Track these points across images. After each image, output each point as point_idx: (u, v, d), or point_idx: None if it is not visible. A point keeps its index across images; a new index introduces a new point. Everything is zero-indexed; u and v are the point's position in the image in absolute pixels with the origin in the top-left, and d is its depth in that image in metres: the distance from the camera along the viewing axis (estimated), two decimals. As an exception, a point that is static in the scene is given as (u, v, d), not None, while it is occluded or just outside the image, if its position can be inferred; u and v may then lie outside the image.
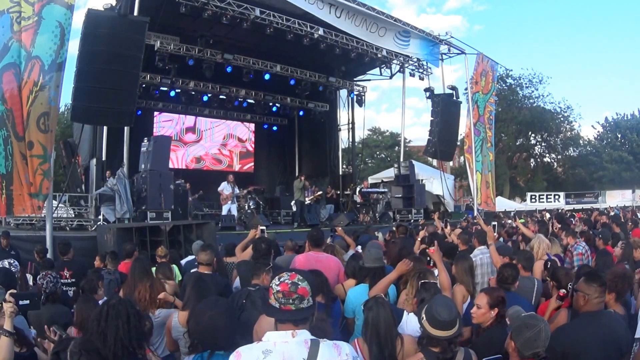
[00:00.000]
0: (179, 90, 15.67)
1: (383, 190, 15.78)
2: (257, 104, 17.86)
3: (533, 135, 37.53)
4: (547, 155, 38.95)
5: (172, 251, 6.59)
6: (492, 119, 16.73)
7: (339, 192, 17.19)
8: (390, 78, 17.45)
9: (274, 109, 18.73)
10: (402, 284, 3.96)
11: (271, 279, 2.02)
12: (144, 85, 13.91)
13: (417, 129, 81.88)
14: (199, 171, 17.94)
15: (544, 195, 30.84)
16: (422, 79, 16.27)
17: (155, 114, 17.06)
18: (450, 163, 28.93)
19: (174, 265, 5.24)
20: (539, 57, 75.21)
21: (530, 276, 4.23)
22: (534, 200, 30.10)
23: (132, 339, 2.27)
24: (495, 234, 5.69)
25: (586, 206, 26.22)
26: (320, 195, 14.94)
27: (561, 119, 36.58)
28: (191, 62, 13.46)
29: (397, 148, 34.49)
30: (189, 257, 6.13)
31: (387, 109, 79.29)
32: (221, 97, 16.71)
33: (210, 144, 18.85)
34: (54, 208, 8.98)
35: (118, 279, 5.09)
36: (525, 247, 5.86)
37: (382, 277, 3.71)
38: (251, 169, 19.85)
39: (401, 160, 16.76)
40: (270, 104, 18.26)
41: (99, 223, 9.73)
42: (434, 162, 23.37)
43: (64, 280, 5.50)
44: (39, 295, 3.34)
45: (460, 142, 20.40)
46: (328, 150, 19.05)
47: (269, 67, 15.02)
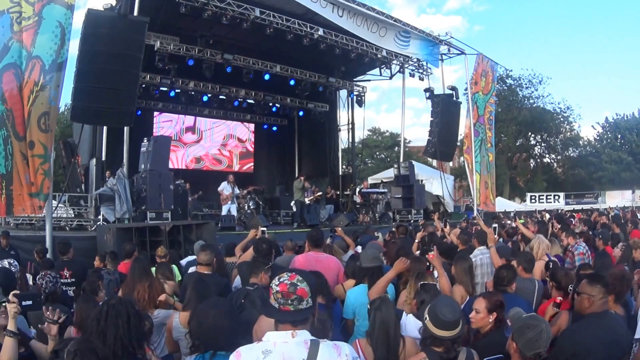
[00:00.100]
0: (179, 91, 15.67)
1: (383, 190, 15.78)
2: (257, 104, 17.86)
3: (533, 135, 37.53)
4: (546, 155, 38.99)
5: (171, 251, 6.58)
6: (492, 119, 16.69)
7: (338, 192, 17.17)
8: (390, 78, 17.46)
9: (274, 109, 18.73)
10: (402, 284, 3.97)
11: (270, 279, 2.02)
12: (143, 85, 13.91)
13: (417, 129, 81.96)
14: (198, 171, 17.93)
15: (543, 195, 30.82)
16: (422, 79, 16.26)
17: (155, 114, 17.05)
18: (450, 163, 28.90)
19: (173, 266, 5.24)
20: (539, 57, 75.33)
21: (531, 277, 4.22)
22: (533, 200, 30.07)
23: (132, 339, 2.28)
24: (495, 236, 5.68)
25: (586, 207, 26.21)
26: (320, 195, 14.92)
27: (561, 120, 36.59)
28: (191, 62, 13.46)
29: (396, 148, 34.51)
30: (190, 257, 6.11)
31: (387, 109, 79.49)
32: (221, 97, 16.69)
33: (210, 144, 18.85)
34: (54, 208, 8.97)
35: (117, 279, 5.08)
36: (525, 247, 5.85)
37: (380, 276, 3.71)
38: (251, 169, 19.85)
39: (401, 160, 16.77)
40: (270, 104, 18.26)
41: (98, 223, 9.73)
42: (434, 162, 23.37)
43: (64, 280, 5.48)
44: (39, 296, 3.35)
45: (460, 142, 20.39)
46: (328, 150, 19.04)
47: (268, 67, 15.02)
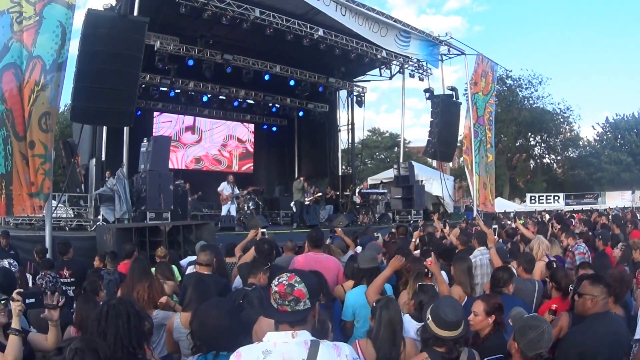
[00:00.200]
0: (179, 91, 15.67)
1: (382, 191, 15.77)
2: (256, 105, 17.86)
3: (532, 136, 37.57)
4: (546, 156, 39.06)
5: (171, 252, 6.58)
6: (491, 120, 16.69)
7: (338, 192, 17.16)
8: (390, 79, 17.45)
9: (274, 109, 18.73)
10: (402, 285, 3.97)
11: (269, 279, 2.02)
12: (143, 86, 13.91)
13: (417, 129, 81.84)
14: (198, 172, 17.92)
15: (543, 196, 30.86)
16: (421, 79, 16.25)
17: (155, 114, 17.04)
18: (450, 164, 28.92)
19: (173, 266, 5.23)
20: (539, 57, 75.16)
21: (531, 278, 4.22)
22: (533, 201, 30.11)
23: (132, 339, 2.28)
24: (495, 237, 5.69)
25: (586, 207, 26.26)
26: (320, 196, 14.92)
27: (561, 120, 36.65)
28: (191, 62, 13.45)
29: (396, 149, 34.59)
30: (191, 258, 6.09)
31: (387, 109, 79.57)
32: (221, 97, 16.68)
33: (210, 145, 18.85)
34: (54, 208, 8.97)
35: (117, 279, 5.08)
36: (525, 248, 5.86)
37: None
38: (250, 170, 19.84)
39: (401, 161, 16.78)
40: (270, 104, 18.25)
41: (98, 223, 9.73)
42: (434, 163, 23.38)
43: (64, 280, 5.47)
44: (42, 293, 3.35)
45: (460, 143, 20.41)
46: (328, 151, 19.03)
47: (268, 67, 15.01)
